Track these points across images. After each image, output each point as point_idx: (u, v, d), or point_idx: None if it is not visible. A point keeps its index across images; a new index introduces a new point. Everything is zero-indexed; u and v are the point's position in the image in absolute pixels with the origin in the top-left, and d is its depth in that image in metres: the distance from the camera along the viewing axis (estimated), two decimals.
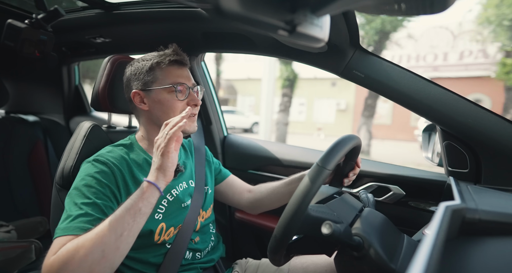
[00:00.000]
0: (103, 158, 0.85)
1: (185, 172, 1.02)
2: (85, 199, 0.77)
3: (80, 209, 0.75)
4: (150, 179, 0.76)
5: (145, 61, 0.93)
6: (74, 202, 0.77)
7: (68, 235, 0.70)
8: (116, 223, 0.68)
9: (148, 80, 0.92)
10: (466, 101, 0.93)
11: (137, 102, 0.94)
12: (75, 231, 0.71)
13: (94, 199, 0.77)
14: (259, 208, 1.16)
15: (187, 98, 0.93)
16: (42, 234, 1.71)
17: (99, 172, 0.81)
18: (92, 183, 0.79)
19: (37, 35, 1.23)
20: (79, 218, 0.73)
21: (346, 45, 1.02)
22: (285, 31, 0.39)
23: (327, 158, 0.71)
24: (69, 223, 0.73)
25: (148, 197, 0.74)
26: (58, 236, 0.71)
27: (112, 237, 0.67)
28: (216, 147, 1.62)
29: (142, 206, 0.72)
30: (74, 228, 0.71)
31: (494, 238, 0.58)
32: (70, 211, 0.75)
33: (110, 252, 0.66)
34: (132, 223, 0.70)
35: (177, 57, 0.93)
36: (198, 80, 1.53)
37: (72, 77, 2.10)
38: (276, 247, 0.69)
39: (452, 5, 0.34)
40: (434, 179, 1.11)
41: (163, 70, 0.92)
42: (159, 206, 0.90)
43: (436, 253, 0.43)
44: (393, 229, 0.77)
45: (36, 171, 1.91)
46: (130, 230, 0.69)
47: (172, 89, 0.91)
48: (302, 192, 0.67)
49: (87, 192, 0.78)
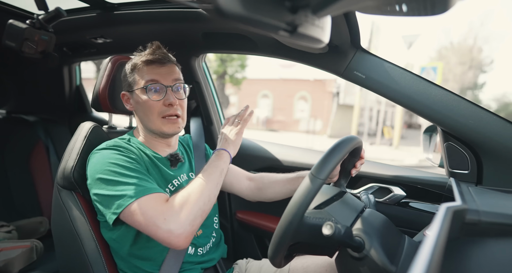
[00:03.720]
0: (111, 144, 0.88)
1: (185, 164, 1.04)
2: (123, 174, 0.80)
3: (136, 178, 0.80)
4: (224, 147, 0.95)
5: (129, 63, 0.95)
6: (116, 181, 0.79)
7: (151, 193, 0.78)
8: (213, 175, 0.86)
9: (131, 81, 0.94)
10: (467, 102, 0.93)
11: (125, 103, 0.98)
12: (154, 191, 0.80)
13: (139, 170, 0.84)
14: (259, 197, 1.18)
15: (163, 98, 0.91)
16: (43, 234, 1.71)
17: (115, 153, 0.84)
18: (117, 160, 0.82)
19: (38, 35, 1.23)
20: (142, 182, 0.80)
21: (347, 46, 1.02)
22: (286, 31, 0.39)
23: (320, 168, 0.69)
24: (139, 187, 0.78)
25: (226, 161, 0.92)
26: (140, 196, 0.76)
27: (213, 186, 0.84)
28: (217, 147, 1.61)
29: (224, 167, 0.91)
30: (151, 188, 0.80)
31: (495, 239, 0.58)
32: (127, 180, 0.79)
33: (212, 198, 0.84)
34: (220, 178, 0.88)
35: (150, 57, 0.92)
36: (199, 80, 1.53)
37: (73, 77, 2.10)
38: (275, 253, 0.70)
39: (453, 7, 0.34)
40: (435, 180, 1.11)
41: (140, 70, 0.93)
42: None
43: (437, 254, 0.43)
44: (394, 230, 0.77)
45: (37, 171, 1.91)
46: (219, 184, 0.87)
47: (144, 90, 0.91)
48: (296, 202, 0.66)
49: (118, 168, 0.81)
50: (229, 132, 1.00)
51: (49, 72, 2.01)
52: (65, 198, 0.94)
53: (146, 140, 0.98)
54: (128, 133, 1.01)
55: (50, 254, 1.34)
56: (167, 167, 0.97)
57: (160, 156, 0.96)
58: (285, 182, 1.11)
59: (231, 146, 0.96)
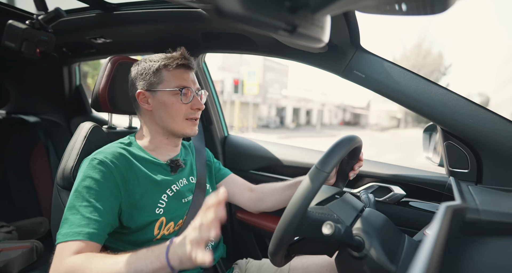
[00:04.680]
0: (102, 156, 0.85)
1: (185, 169, 1.03)
2: (84, 202, 0.78)
3: (79, 213, 0.77)
4: (170, 259, 0.65)
5: (153, 62, 0.94)
6: (73, 205, 0.78)
7: (70, 240, 0.73)
8: (128, 267, 0.67)
9: (154, 81, 0.93)
10: (467, 101, 0.93)
11: (141, 102, 0.95)
12: (76, 237, 0.74)
13: (93, 202, 0.78)
14: (260, 208, 1.16)
15: (190, 102, 0.94)
16: (43, 234, 1.71)
17: (97, 173, 0.82)
18: (91, 184, 0.80)
19: (37, 35, 1.23)
20: (79, 222, 0.75)
21: (346, 45, 1.02)
22: (286, 31, 0.39)
23: (325, 161, 0.71)
24: (69, 228, 0.75)
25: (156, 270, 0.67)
26: (60, 242, 0.74)
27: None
28: (217, 147, 1.62)
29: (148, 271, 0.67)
30: (73, 233, 0.74)
31: (494, 238, 0.58)
32: (70, 215, 0.77)
33: None
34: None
35: (184, 61, 0.94)
36: (199, 80, 1.53)
37: (73, 77, 2.10)
38: (276, 248, 0.69)
39: (453, 6, 0.34)
40: (435, 179, 1.11)
41: (170, 72, 0.93)
42: (160, 202, 0.90)
43: (437, 253, 0.43)
44: (394, 229, 0.77)
45: (37, 171, 1.91)
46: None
47: (177, 92, 0.92)
48: (301, 195, 0.67)
49: (86, 194, 0.79)
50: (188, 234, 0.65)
51: (48, 72, 2.01)
52: (65, 198, 0.94)
53: (152, 143, 0.97)
54: (130, 136, 1.00)
55: (50, 255, 1.34)
56: (167, 172, 0.96)
57: (160, 161, 0.96)
58: (284, 189, 1.10)
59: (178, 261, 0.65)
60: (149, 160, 0.93)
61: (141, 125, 1.00)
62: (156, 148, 0.97)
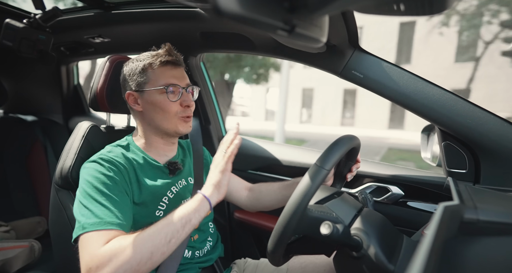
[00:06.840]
0: (107, 157, 0.86)
1: (184, 170, 1.03)
2: (102, 196, 0.78)
3: (101, 205, 0.76)
4: (205, 193, 0.79)
5: (139, 62, 0.93)
6: (93, 197, 0.77)
7: (102, 229, 0.72)
8: (167, 228, 0.72)
9: (141, 81, 0.92)
10: (465, 102, 0.93)
11: (131, 103, 0.94)
12: (109, 226, 0.73)
13: (111, 194, 0.79)
14: (257, 207, 1.16)
15: (179, 99, 0.93)
16: (40, 234, 1.70)
17: (108, 170, 0.83)
18: (104, 179, 0.81)
19: (35, 34, 1.23)
20: (105, 213, 0.75)
21: (345, 45, 1.02)
22: (284, 31, 0.39)
23: (325, 158, 0.71)
24: (96, 218, 0.74)
25: (200, 210, 0.77)
26: (88, 230, 0.72)
27: (162, 241, 0.70)
28: (215, 147, 1.61)
29: (193, 217, 0.75)
30: (105, 223, 0.73)
31: (492, 238, 0.58)
32: (92, 206, 0.76)
33: (157, 255, 0.70)
34: (181, 231, 0.73)
35: (169, 58, 0.91)
36: (197, 80, 1.53)
37: (71, 77, 2.09)
38: (275, 246, 0.69)
39: (451, 6, 0.34)
40: (433, 179, 1.11)
41: (155, 71, 0.91)
42: (160, 204, 0.91)
43: (435, 253, 0.43)
44: (392, 229, 0.77)
45: (35, 171, 1.91)
46: (178, 238, 0.73)
47: (163, 91, 0.90)
48: (301, 192, 0.67)
49: (104, 188, 0.79)
50: (215, 166, 0.83)
51: (46, 71, 2.00)
52: (63, 197, 0.94)
53: (148, 143, 0.96)
54: (127, 138, 0.99)
55: (48, 254, 1.34)
56: (165, 175, 0.96)
57: (158, 164, 0.95)
58: (281, 189, 1.10)
59: (215, 191, 0.80)
60: (148, 163, 0.93)
61: (137, 126, 1.00)
62: (153, 149, 0.97)
